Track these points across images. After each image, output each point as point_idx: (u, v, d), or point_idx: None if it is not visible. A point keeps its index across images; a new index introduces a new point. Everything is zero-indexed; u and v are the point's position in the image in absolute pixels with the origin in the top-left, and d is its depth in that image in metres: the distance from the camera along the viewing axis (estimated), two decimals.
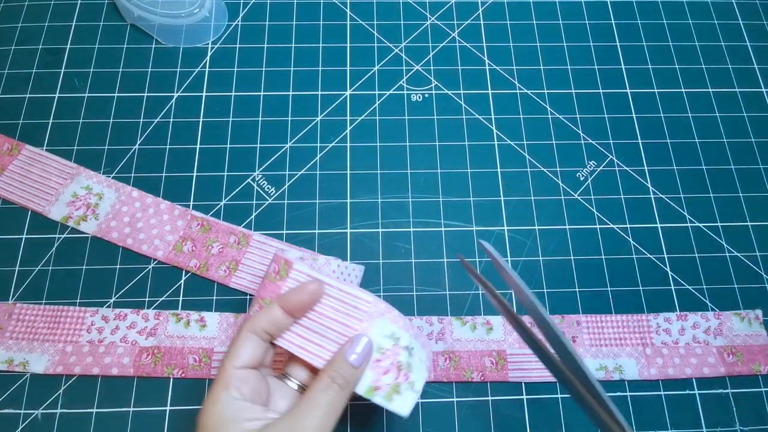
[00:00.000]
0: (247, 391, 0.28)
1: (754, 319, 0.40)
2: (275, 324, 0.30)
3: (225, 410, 0.27)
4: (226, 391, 0.28)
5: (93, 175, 0.43)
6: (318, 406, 0.27)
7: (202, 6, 0.49)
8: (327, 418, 0.27)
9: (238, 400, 0.27)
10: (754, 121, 0.48)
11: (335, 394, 0.27)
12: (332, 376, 0.28)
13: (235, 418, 0.27)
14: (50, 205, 0.42)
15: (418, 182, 0.44)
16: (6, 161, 0.43)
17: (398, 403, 0.29)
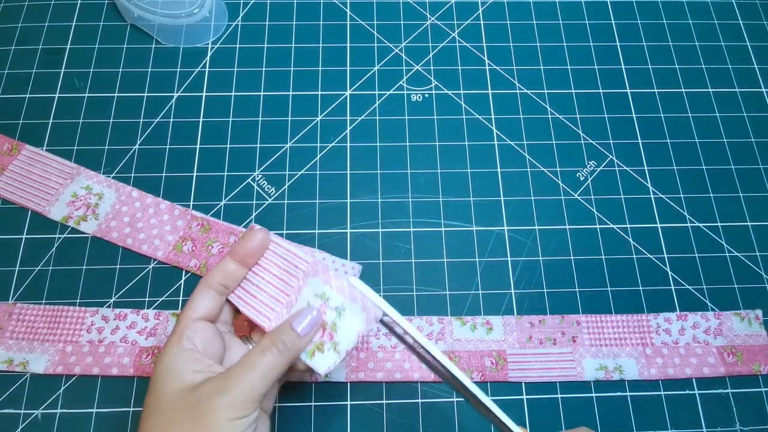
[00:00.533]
0: (199, 342, 0.29)
1: (754, 319, 0.40)
2: (228, 275, 0.31)
3: (173, 359, 0.28)
4: (179, 340, 0.29)
5: (93, 175, 0.43)
6: (254, 365, 0.28)
7: (202, 6, 0.49)
8: (261, 379, 0.27)
9: (189, 350, 0.28)
10: (754, 121, 0.48)
11: (272, 357, 0.28)
12: (273, 339, 0.29)
13: (180, 368, 0.28)
14: (50, 205, 0.42)
15: (418, 182, 0.44)
16: (6, 161, 0.43)
17: (318, 360, 0.31)
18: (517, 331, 0.40)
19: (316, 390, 0.38)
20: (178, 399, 0.27)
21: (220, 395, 0.26)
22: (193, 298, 0.30)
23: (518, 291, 0.41)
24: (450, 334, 0.39)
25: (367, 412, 0.37)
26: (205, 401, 0.26)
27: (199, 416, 0.26)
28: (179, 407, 0.27)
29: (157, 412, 0.27)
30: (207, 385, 0.27)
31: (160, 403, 0.27)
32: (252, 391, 0.27)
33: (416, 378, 0.38)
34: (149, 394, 0.28)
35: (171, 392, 0.27)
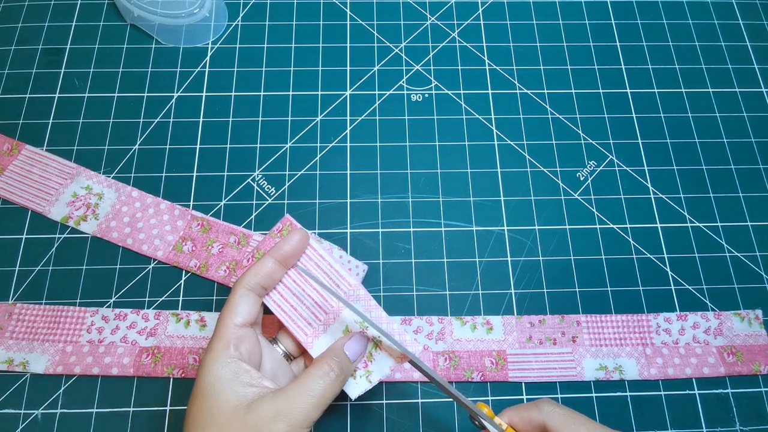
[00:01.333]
0: (244, 350, 0.29)
1: (754, 319, 0.40)
2: (269, 275, 0.30)
3: (224, 369, 0.27)
4: (226, 349, 0.28)
5: (93, 175, 0.43)
6: (312, 391, 0.27)
7: (202, 6, 0.49)
8: (317, 405, 0.27)
9: (237, 361, 0.28)
10: (754, 121, 0.48)
11: (330, 383, 0.28)
12: (331, 365, 0.29)
13: (232, 380, 0.27)
14: (50, 205, 0.42)
15: (418, 182, 0.44)
16: (6, 161, 0.43)
17: (350, 385, 0.31)
18: (517, 331, 0.40)
19: None
20: (235, 418, 0.26)
21: (280, 421, 0.26)
22: (233, 302, 0.30)
23: (518, 291, 0.41)
24: (450, 334, 0.39)
25: (367, 412, 0.37)
26: (266, 426, 0.26)
27: None
28: (237, 427, 0.26)
29: (211, 428, 0.26)
30: (265, 407, 0.26)
31: (215, 419, 0.27)
32: (310, 417, 0.27)
33: (416, 378, 0.38)
34: (198, 406, 0.27)
35: (226, 408, 0.27)
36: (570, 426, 0.27)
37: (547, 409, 0.28)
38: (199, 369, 0.28)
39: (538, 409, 0.29)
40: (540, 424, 0.28)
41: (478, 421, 0.29)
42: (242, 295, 0.30)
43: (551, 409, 0.28)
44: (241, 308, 0.29)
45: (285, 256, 0.31)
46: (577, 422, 0.27)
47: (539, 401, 0.29)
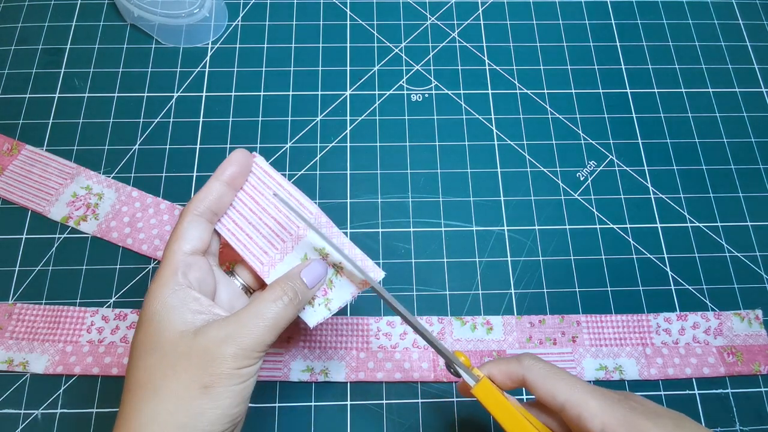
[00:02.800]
0: (194, 278, 0.27)
1: (754, 319, 0.40)
2: (217, 199, 0.29)
3: (171, 296, 0.26)
4: (174, 275, 0.27)
5: (93, 175, 0.43)
6: (264, 315, 0.27)
7: (202, 6, 0.49)
8: (270, 330, 0.27)
9: (185, 288, 0.27)
10: (754, 121, 0.48)
11: (283, 308, 0.27)
12: (285, 289, 0.28)
13: (179, 307, 0.26)
14: (50, 205, 0.42)
15: (418, 182, 0.44)
16: (6, 161, 0.43)
17: (308, 313, 0.30)
18: (517, 331, 0.40)
19: (316, 390, 0.38)
20: (181, 342, 0.25)
21: (229, 344, 0.25)
22: (181, 229, 0.28)
23: (518, 291, 0.41)
24: (450, 334, 0.39)
25: (367, 412, 0.37)
26: (213, 349, 0.25)
27: (206, 363, 0.25)
28: (183, 352, 0.25)
29: (155, 354, 0.25)
30: (213, 331, 0.25)
31: (160, 344, 0.25)
32: (262, 340, 0.26)
33: (416, 378, 0.38)
34: (143, 333, 0.26)
35: (172, 334, 0.25)
36: (550, 380, 0.27)
37: (528, 362, 0.28)
38: (145, 297, 0.27)
39: (518, 362, 0.28)
40: (519, 378, 0.28)
41: (454, 369, 0.29)
42: (190, 222, 0.28)
43: (532, 362, 0.28)
44: (189, 234, 0.28)
45: (232, 176, 0.29)
46: (557, 377, 0.27)
47: (520, 355, 0.29)
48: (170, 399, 0.25)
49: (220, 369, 0.25)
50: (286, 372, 0.38)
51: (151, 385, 0.25)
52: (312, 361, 0.38)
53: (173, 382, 0.25)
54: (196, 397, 0.25)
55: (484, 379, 0.28)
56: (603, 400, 0.25)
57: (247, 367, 0.26)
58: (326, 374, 0.38)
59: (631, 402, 0.26)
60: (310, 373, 0.38)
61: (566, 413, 0.26)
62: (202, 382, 0.25)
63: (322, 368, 0.38)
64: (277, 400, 0.37)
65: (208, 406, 0.25)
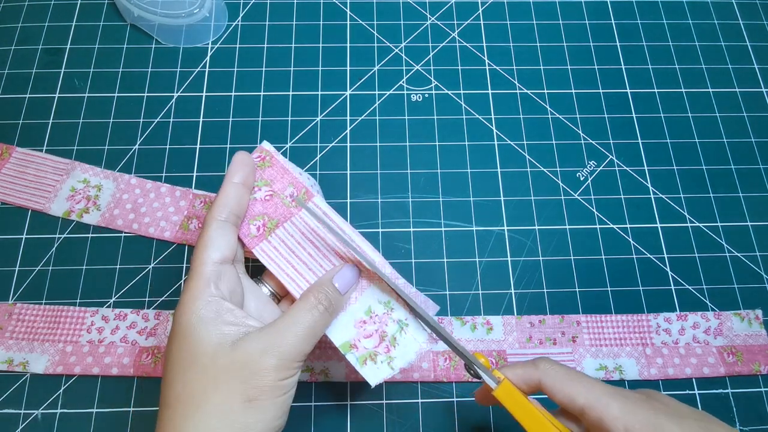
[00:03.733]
0: (225, 288, 0.27)
1: (754, 319, 0.40)
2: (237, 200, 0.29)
3: (205, 309, 0.26)
4: (207, 287, 0.26)
5: (88, 168, 0.43)
6: (300, 324, 0.26)
7: (202, 6, 0.49)
8: (306, 339, 0.26)
9: (218, 299, 0.26)
10: (754, 121, 0.48)
11: (319, 316, 0.27)
12: (318, 297, 0.28)
13: (215, 319, 0.26)
14: (49, 201, 0.42)
15: (418, 182, 0.44)
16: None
17: (370, 370, 0.29)
18: (517, 331, 0.40)
19: (316, 390, 0.38)
20: (220, 356, 0.25)
21: (269, 355, 0.25)
22: (208, 237, 0.27)
23: (518, 291, 0.41)
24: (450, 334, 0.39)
25: (367, 412, 0.37)
26: (255, 362, 0.25)
27: (248, 377, 0.25)
28: (222, 365, 0.25)
29: (194, 368, 0.25)
30: (252, 343, 0.25)
31: (198, 359, 0.25)
32: (301, 350, 0.26)
33: (416, 378, 0.38)
34: (178, 347, 0.26)
35: (209, 348, 0.25)
36: (568, 384, 0.26)
37: (544, 366, 0.27)
38: (177, 309, 0.26)
39: (534, 366, 0.27)
40: (536, 383, 0.27)
41: (474, 371, 0.28)
42: (217, 228, 0.27)
43: (548, 366, 0.27)
44: (217, 242, 0.27)
45: (243, 178, 0.29)
46: (575, 379, 0.26)
47: (536, 359, 0.28)
48: (214, 414, 0.24)
49: (263, 381, 0.25)
50: None
51: (193, 401, 0.25)
52: (312, 361, 0.38)
53: (215, 396, 0.24)
54: (240, 410, 0.24)
55: (506, 381, 0.27)
56: (625, 402, 0.25)
57: (289, 378, 0.26)
58: (326, 374, 0.38)
59: (654, 402, 0.25)
60: (310, 373, 0.38)
61: (587, 417, 0.25)
62: (245, 395, 0.24)
63: (322, 368, 0.38)
64: None
65: (253, 419, 0.24)
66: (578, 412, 0.26)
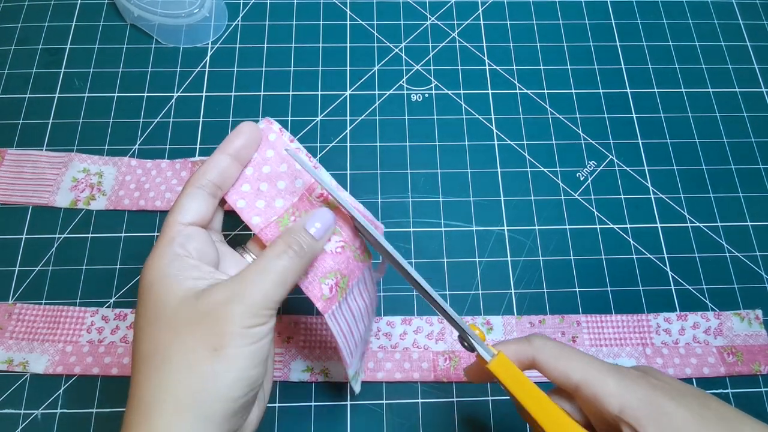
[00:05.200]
0: (193, 249, 0.26)
1: (754, 319, 0.40)
2: (222, 172, 0.27)
3: (168, 266, 0.25)
4: (170, 245, 0.25)
5: (86, 158, 0.44)
6: (270, 270, 0.25)
7: (202, 6, 0.49)
8: (277, 285, 0.25)
9: (183, 257, 0.25)
10: (754, 121, 0.48)
11: (289, 261, 0.25)
12: (288, 242, 0.26)
13: (178, 275, 0.25)
14: (53, 195, 0.42)
15: (418, 182, 0.44)
16: None
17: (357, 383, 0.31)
18: (517, 331, 0.40)
19: (316, 390, 0.38)
20: (183, 308, 0.24)
21: (234, 302, 0.24)
22: (181, 201, 0.27)
23: (518, 291, 0.41)
24: (450, 334, 0.39)
25: (367, 412, 0.37)
26: (218, 309, 0.24)
27: (211, 325, 0.23)
28: (185, 317, 0.24)
29: (158, 323, 0.24)
30: (217, 292, 0.24)
31: (161, 313, 0.24)
32: (269, 296, 0.24)
33: (416, 378, 0.38)
34: (142, 305, 0.25)
35: (172, 301, 0.24)
36: (563, 360, 0.25)
37: (538, 342, 0.26)
38: (142, 270, 0.25)
39: (528, 343, 0.27)
40: (530, 359, 0.26)
41: (468, 343, 0.27)
42: (190, 194, 0.27)
43: (542, 342, 0.26)
44: (188, 206, 0.26)
45: (238, 149, 0.28)
46: (570, 355, 0.25)
47: (530, 335, 0.27)
48: (180, 366, 0.23)
49: (228, 329, 0.23)
50: (286, 372, 0.38)
51: (159, 355, 0.24)
52: (312, 361, 0.38)
53: (181, 348, 0.23)
54: (207, 360, 0.23)
55: (501, 354, 0.26)
56: (621, 378, 0.24)
57: (258, 326, 0.24)
58: (326, 374, 0.38)
59: (651, 379, 0.24)
60: (310, 373, 0.38)
61: (581, 393, 0.24)
62: (210, 344, 0.23)
63: (322, 368, 0.38)
64: (277, 400, 0.37)
65: (221, 368, 0.23)
66: (572, 389, 0.25)
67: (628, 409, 0.23)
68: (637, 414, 0.23)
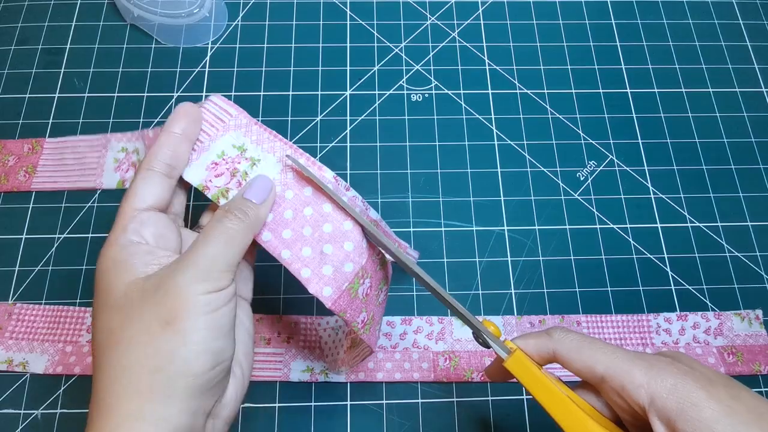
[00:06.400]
0: (149, 234, 0.25)
1: (754, 319, 0.40)
2: (172, 151, 0.27)
3: (119, 253, 0.24)
4: (123, 233, 0.25)
5: (121, 137, 0.43)
6: (213, 233, 0.24)
7: (202, 6, 0.49)
8: (226, 245, 0.24)
9: (137, 244, 0.24)
10: (754, 121, 0.48)
11: (231, 223, 0.25)
12: (226, 208, 0.26)
13: (128, 260, 0.24)
14: (98, 177, 0.43)
15: (418, 182, 0.44)
16: (34, 160, 0.43)
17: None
18: (518, 331, 0.40)
19: (316, 390, 0.38)
20: (133, 289, 0.23)
21: (181, 272, 0.23)
22: (134, 186, 0.26)
23: (518, 291, 0.41)
24: (450, 334, 0.39)
25: (367, 412, 0.37)
26: (167, 282, 0.23)
27: (161, 298, 0.22)
28: (137, 298, 0.23)
29: (108, 310, 0.23)
30: (165, 269, 0.23)
31: (111, 299, 0.23)
32: (219, 258, 0.24)
33: (416, 378, 0.38)
34: (95, 296, 0.24)
35: (121, 285, 0.23)
36: (586, 351, 0.24)
37: (559, 335, 0.25)
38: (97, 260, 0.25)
39: (548, 336, 0.25)
40: (550, 353, 0.25)
41: (483, 340, 0.26)
42: (144, 177, 0.26)
43: (563, 335, 0.25)
44: (143, 191, 0.26)
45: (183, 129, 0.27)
46: (594, 346, 0.24)
47: (550, 328, 0.26)
48: (135, 346, 0.22)
49: (179, 300, 0.22)
50: (286, 372, 0.38)
51: (112, 340, 0.23)
52: (312, 361, 0.38)
53: (132, 328, 0.23)
54: (160, 335, 0.22)
55: (518, 351, 0.25)
56: (649, 368, 0.23)
57: (212, 292, 0.23)
58: (326, 374, 0.38)
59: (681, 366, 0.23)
60: (310, 373, 0.38)
61: (607, 386, 0.23)
62: (162, 319, 0.22)
63: (322, 368, 0.38)
64: (277, 400, 0.37)
65: (178, 342, 0.22)
66: (598, 381, 0.24)
67: (658, 400, 0.22)
68: (666, 405, 0.22)
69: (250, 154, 0.30)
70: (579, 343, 0.25)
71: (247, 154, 0.30)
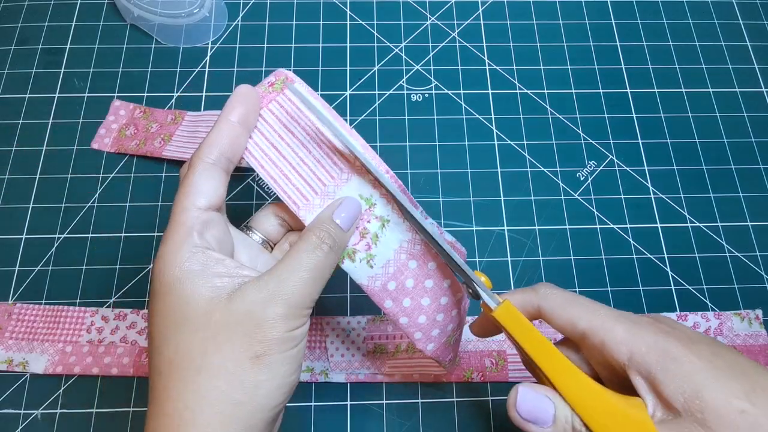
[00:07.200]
0: (212, 238, 0.24)
1: (754, 319, 0.40)
2: (232, 142, 0.24)
3: (189, 260, 0.22)
4: (189, 236, 0.22)
5: None
6: (304, 267, 0.23)
7: (202, 6, 0.49)
8: (314, 282, 0.23)
9: (204, 250, 0.23)
10: (754, 121, 0.48)
11: (323, 256, 0.24)
12: (320, 236, 0.24)
13: (202, 272, 0.22)
14: None
15: (418, 182, 0.44)
16: (173, 129, 0.44)
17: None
18: None
19: (316, 390, 0.38)
20: (216, 311, 0.22)
21: (274, 305, 0.22)
22: (193, 181, 0.23)
23: None
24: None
25: (367, 412, 0.37)
26: (257, 313, 0.22)
27: (253, 331, 0.22)
28: (221, 322, 0.22)
29: (185, 329, 0.22)
30: (252, 293, 0.22)
31: (191, 318, 0.22)
32: (308, 295, 0.23)
33: (416, 378, 0.38)
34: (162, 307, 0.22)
35: (202, 303, 0.22)
36: (569, 307, 0.24)
37: (544, 290, 0.25)
38: (156, 264, 0.23)
39: (534, 291, 0.25)
40: (535, 308, 0.25)
41: (473, 290, 0.26)
42: (203, 171, 0.23)
43: (548, 290, 0.25)
44: (203, 186, 0.23)
45: (241, 115, 0.25)
46: (576, 302, 0.24)
47: (537, 284, 0.26)
48: (218, 375, 0.21)
49: (270, 334, 0.22)
50: None
51: (191, 364, 0.21)
52: (312, 361, 0.38)
53: (217, 356, 0.21)
54: (248, 369, 0.21)
55: (506, 302, 0.25)
56: (630, 325, 0.23)
57: (298, 328, 0.23)
58: (326, 374, 0.38)
59: (662, 325, 0.23)
60: (310, 373, 0.38)
61: (588, 342, 0.23)
62: (252, 351, 0.22)
63: (322, 368, 0.38)
64: None
65: (264, 377, 0.22)
66: (579, 337, 0.24)
67: (637, 355, 0.22)
68: (646, 360, 0.21)
69: (380, 213, 0.27)
70: (563, 300, 0.25)
71: (377, 212, 0.27)
